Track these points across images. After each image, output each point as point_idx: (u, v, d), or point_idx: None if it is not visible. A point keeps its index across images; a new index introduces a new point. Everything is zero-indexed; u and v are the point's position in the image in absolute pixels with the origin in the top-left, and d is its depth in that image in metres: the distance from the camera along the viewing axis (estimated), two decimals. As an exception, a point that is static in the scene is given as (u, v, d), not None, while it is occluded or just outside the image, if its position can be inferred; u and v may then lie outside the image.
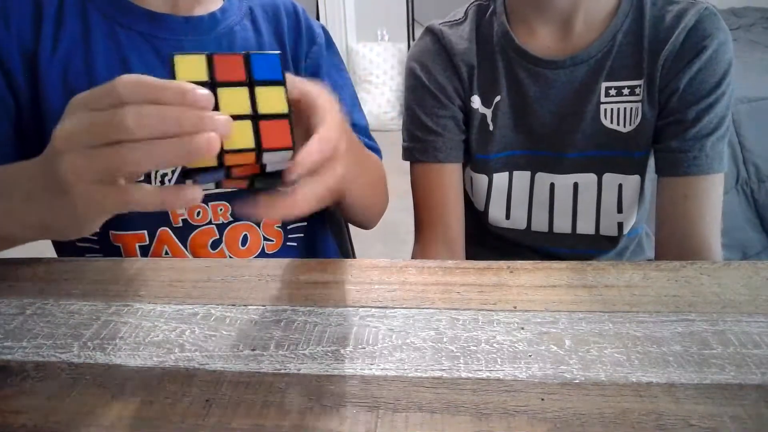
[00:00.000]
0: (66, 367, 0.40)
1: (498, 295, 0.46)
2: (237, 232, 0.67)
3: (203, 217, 0.65)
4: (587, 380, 0.37)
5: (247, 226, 0.68)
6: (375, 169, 0.69)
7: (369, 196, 0.67)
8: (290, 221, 0.71)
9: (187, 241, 0.66)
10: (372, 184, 0.67)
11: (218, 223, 0.66)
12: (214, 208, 0.65)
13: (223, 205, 0.66)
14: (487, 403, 0.35)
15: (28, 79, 0.59)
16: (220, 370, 0.39)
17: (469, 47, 0.72)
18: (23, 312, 0.47)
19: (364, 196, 0.65)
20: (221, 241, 0.66)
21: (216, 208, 0.66)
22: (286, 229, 0.71)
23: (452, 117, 0.73)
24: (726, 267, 0.49)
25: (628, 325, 0.42)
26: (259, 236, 0.68)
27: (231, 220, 0.67)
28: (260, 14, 0.71)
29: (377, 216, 0.74)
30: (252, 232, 0.68)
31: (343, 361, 0.39)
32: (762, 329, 0.41)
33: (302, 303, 0.46)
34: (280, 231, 0.70)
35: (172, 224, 0.65)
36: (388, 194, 0.75)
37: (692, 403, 0.34)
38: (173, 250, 0.65)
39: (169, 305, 0.47)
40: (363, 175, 0.62)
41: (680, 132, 0.65)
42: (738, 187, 1.67)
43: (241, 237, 0.67)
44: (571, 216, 0.74)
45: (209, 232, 0.66)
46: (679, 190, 0.66)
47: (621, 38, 0.67)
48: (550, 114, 0.71)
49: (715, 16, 0.64)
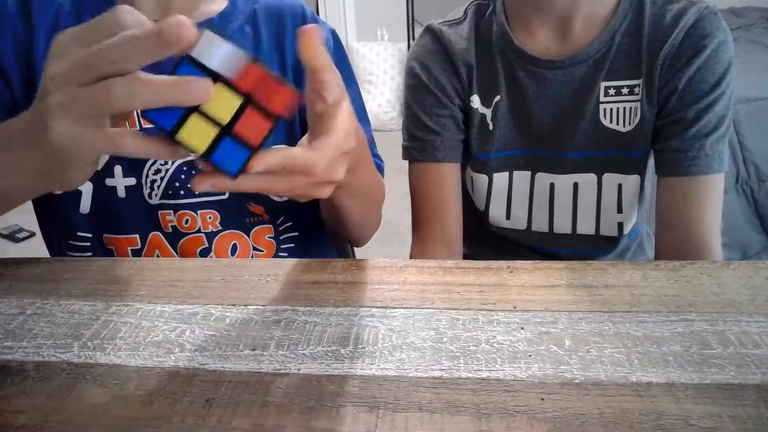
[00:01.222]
0: (66, 367, 0.40)
1: (498, 294, 0.46)
2: (226, 241, 0.67)
3: (191, 225, 0.65)
4: (587, 380, 0.37)
5: (237, 235, 0.67)
6: (375, 192, 0.65)
7: (363, 215, 0.64)
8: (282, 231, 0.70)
9: (177, 247, 0.66)
10: (370, 201, 0.64)
11: (207, 232, 0.66)
12: (203, 216, 0.65)
13: (212, 213, 0.66)
14: (487, 403, 0.35)
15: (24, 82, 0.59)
16: (220, 370, 0.39)
17: (468, 47, 0.72)
18: (23, 312, 0.47)
19: (359, 215, 0.63)
20: (210, 250, 0.66)
21: (205, 217, 0.65)
22: (278, 239, 0.70)
23: (452, 116, 0.73)
24: (726, 267, 0.49)
25: (628, 325, 0.42)
26: (248, 246, 0.68)
27: (220, 229, 0.66)
28: (263, 18, 0.68)
29: (368, 233, 0.72)
30: (241, 241, 0.68)
31: (343, 361, 0.39)
32: (762, 329, 0.41)
33: (302, 303, 0.46)
34: (272, 241, 0.70)
35: (164, 230, 0.65)
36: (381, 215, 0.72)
37: (692, 403, 0.34)
38: (164, 254, 0.65)
39: (169, 305, 0.47)
40: (363, 196, 0.59)
41: (680, 131, 0.65)
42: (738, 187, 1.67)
43: (230, 246, 0.67)
44: (571, 216, 0.74)
45: (198, 240, 0.66)
46: (678, 190, 0.66)
47: (620, 38, 0.67)
48: (550, 114, 0.71)
49: (715, 16, 0.64)
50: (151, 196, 0.64)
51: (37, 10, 0.60)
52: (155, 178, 0.63)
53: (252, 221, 0.68)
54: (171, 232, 0.65)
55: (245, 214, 0.68)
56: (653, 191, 0.72)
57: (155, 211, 0.64)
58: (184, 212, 0.65)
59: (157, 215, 0.65)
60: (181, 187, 0.64)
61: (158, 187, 0.64)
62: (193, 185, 0.36)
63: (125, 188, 0.63)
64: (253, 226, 0.68)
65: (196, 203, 0.65)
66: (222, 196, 0.66)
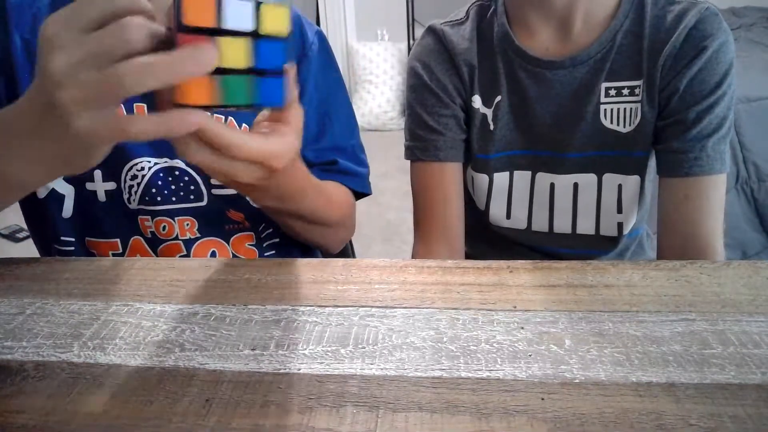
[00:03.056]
0: (66, 367, 0.40)
1: (498, 294, 0.46)
2: (205, 248, 0.67)
3: (169, 232, 0.65)
4: (587, 380, 0.37)
5: (216, 242, 0.67)
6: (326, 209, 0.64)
7: (307, 230, 0.65)
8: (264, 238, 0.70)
9: (157, 253, 0.66)
10: (316, 223, 0.63)
11: (185, 239, 0.66)
12: (180, 223, 0.65)
13: (190, 220, 0.65)
14: (487, 403, 0.35)
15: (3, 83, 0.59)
16: (220, 370, 0.39)
17: (470, 47, 0.72)
18: (23, 312, 0.47)
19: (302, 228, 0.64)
20: (189, 257, 0.66)
21: (182, 223, 0.65)
22: (260, 246, 0.70)
23: (453, 116, 0.73)
24: (726, 267, 0.49)
25: (628, 325, 0.42)
26: (228, 253, 0.68)
27: (198, 236, 0.66)
28: None
29: (332, 244, 0.72)
30: (220, 249, 0.67)
31: (343, 361, 0.39)
32: (762, 329, 0.41)
33: (302, 303, 0.46)
34: (254, 249, 0.70)
35: (144, 235, 0.65)
36: (353, 226, 0.73)
37: (692, 403, 0.34)
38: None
39: (169, 305, 0.47)
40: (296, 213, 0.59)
41: (681, 132, 0.65)
42: (738, 187, 1.67)
43: (209, 254, 0.67)
44: (571, 216, 0.74)
45: (176, 248, 0.66)
46: (680, 190, 0.66)
47: (621, 38, 0.67)
48: (550, 114, 0.71)
49: (717, 17, 0.64)
50: (130, 201, 0.63)
51: (13, 13, 0.59)
52: (132, 184, 0.63)
53: (232, 228, 0.68)
54: (150, 238, 0.65)
55: (224, 221, 0.67)
56: (654, 192, 0.72)
57: (135, 217, 0.64)
58: (162, 219, 0.64)
59: (137, 220, 0.64)
60: (158, 193, 0.63)
61: (135, 193, 0.63)
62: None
63: (105, 192, 0.63)
64: (233, 233, 0.68)
65: (173, 210, 0.64)
66: (200, 203, 0.65)
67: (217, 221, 0.67)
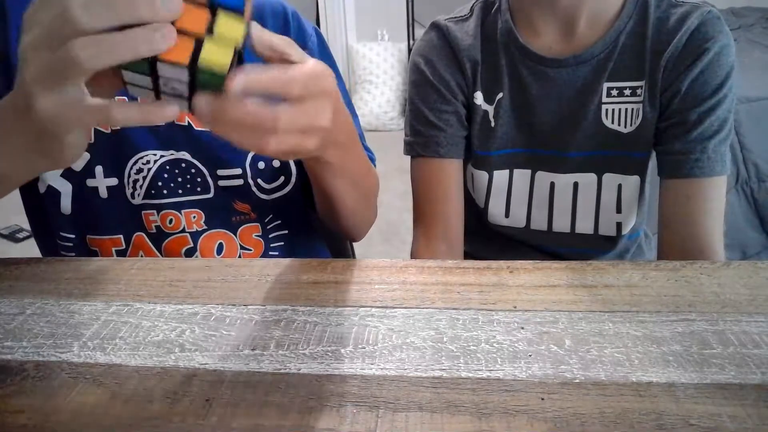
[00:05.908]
0: (66, 367, 0.40)
1: (498, 294, 0.46)
2: (212, 240, 0.66)
3: (176, 225, 0.65)
4: (587, 380, 0.37)
5: (223, 234, 0.67)
6: (368, 180, 0.64)
7: (358, 203, 0.63)
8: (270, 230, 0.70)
9: (162, 248, 0.66)
10: (363, 189, 0.63)
11: (192, 231, 0.65)
12: (187, 215, 0.65)
13: (197, 212, 0.65)
14: (487, 403, 0.35)
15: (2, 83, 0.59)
16: (220, 370, 0.39)
17: (473, 43, 0.72)
18: (23, 312, 0.47)
19: (354, 202, 0.61)
20: (195, 250, 0.66)
21: (189, 216, 0.65)
22: (267, 237, 0.70)
23: (455, 112, 0.73)
24: (726, 267, 0.49)
25: (628, 325, 0.42)
26: (235, 245, 0.68)
27: (205, 228, 0.66)
28: None
29: (364, 226, 0.71)
30: (228, 240, 0.67)
31: (343, 361, 0.39)
32: (762, 329, 0.41)
33: (302, 303, 0.46)
34: (260, 240, 0.69)
35: (147, 230, 0.65)
36: (376, 209, 0.72)
37: (692, 403, 0.34)
38: (149, 255, 0.65)
39: (169, 305, 0.47)
40: (356, 183, 0.59)
41: (682, 134, 0.65)
42: (738, 187, 1.67)
43: (216, 245, 0.67)
44: (571, 215, 0.74)
45: (183, 240, 0.66)
46: (681, 192, 0.66)
47: (624, 39, 0.67)
48: (552, 113, 0.71)
49: (719, 20, 0.64)
50: (134, 196, 0.63)
51: (12, 9, 0.58)
52: (137, 178, 0.63)
53: (238, 220, 0.68)
54: (155, 233, 0.65)
55: (231, 213, 0.67)
56: (653, 193, 0.72)
57: (138, 212, 0.64)
58: (168, 212, 0.64)
59: (141, 215, 0.64)
60: (164, 186, 0.63)
61: (140, 187, 0.63)
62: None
63: (107, 189, 0.63)
64: (240, 224, 0.68)
65: (180, 203, 0.64)
66: (206, 194, 0.65)
67: (224, 213, 0.67)
